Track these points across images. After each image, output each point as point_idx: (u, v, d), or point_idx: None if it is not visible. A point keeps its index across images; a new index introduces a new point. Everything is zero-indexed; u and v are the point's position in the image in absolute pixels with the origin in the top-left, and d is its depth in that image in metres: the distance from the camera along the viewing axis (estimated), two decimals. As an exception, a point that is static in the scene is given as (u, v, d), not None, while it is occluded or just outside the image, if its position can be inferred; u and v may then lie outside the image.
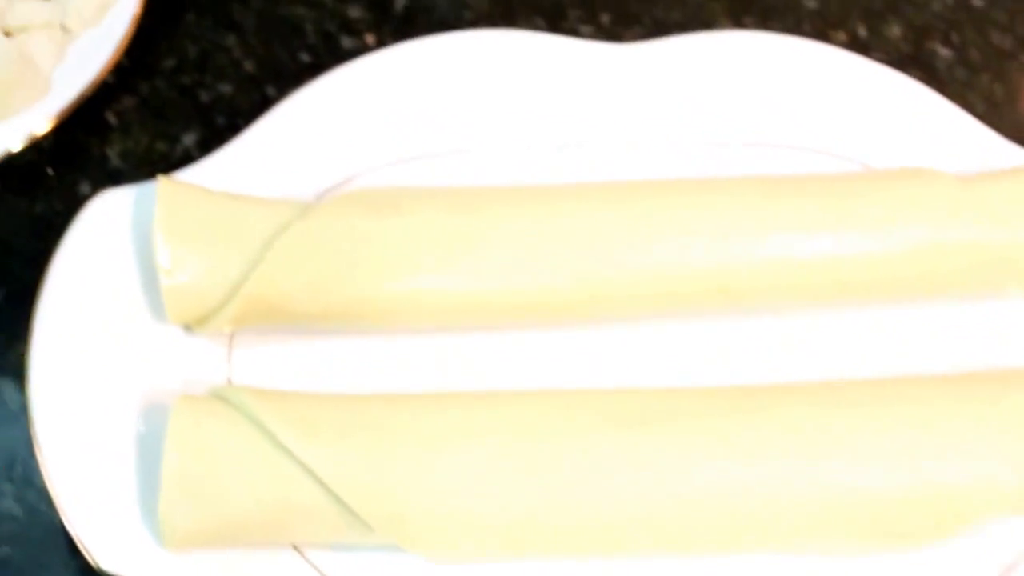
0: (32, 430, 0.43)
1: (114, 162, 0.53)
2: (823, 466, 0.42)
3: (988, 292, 0.49)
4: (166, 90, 0.55)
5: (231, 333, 0.47)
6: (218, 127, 0.54)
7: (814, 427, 0.43)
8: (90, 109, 0.53)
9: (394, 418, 0.43)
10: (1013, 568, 0.43)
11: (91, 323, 0.45)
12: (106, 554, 0.41)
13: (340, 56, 0.55)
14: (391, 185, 0.49)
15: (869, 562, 0.43)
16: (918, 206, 0.48)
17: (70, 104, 0.51)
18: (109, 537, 0.42)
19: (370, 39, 0.57)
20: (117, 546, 0.42)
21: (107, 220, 0.47)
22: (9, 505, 0.46)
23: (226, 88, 0.56)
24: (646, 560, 0.43)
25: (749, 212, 0.47)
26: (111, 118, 0.54)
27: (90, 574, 0.42)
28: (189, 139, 0.54)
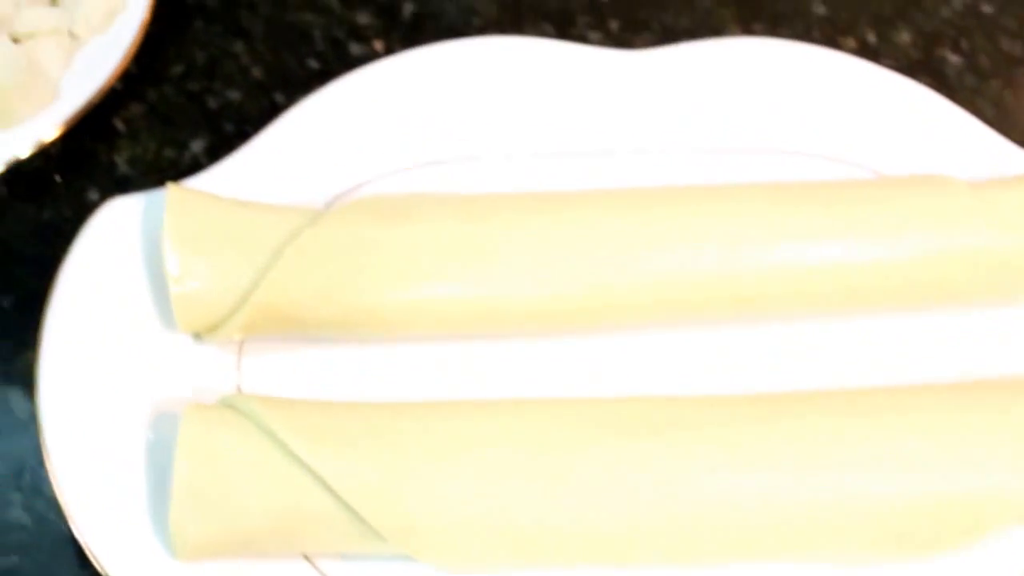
0: (41, 439, 0.43)
1: (122, 169, 0.53)
2: (834, 475, 0.42)
3: (999, 299, 0.49)
4: (174, 97, 0.55)
5: (240, 341, 0.46)
6: (226, 134, 0.54)
7: (825, 436, 0.43)
8: (98, 116, 0.53)
9: (405, 426, 0.42)
10: (1024, 578, 0.43)
11: (100, 331, 0.45)
12: (116, 564, 0.41)
13: (348, 63, 0.55)
14: (400, 192, 0.49)
15: (879, 572, 0.43)
16: (929, 213, 0.48)
17: (78, 111, 0.51)
18: (119, 546, 0.41)
19: (378, 45, 0.57)
20: (127, 556, 0.41)
21: (116, 227, 0.47)
22: (18, 514, 0.45)
23: (234, 95, 0.55)
24: (656, 569, 0.43)
25: (759, 219, 0.47)
26: (119, 125, 0.54)
27: (100, 583, 0.42)
28: (197, 146, 0.54)
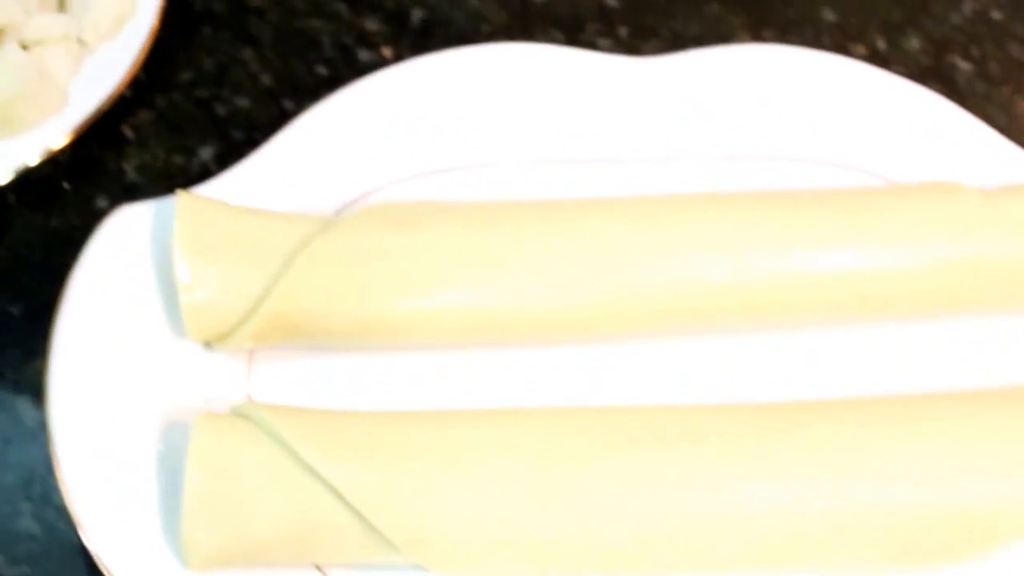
0: (51, 448, 0.43)
1: (131, 176, 0.53)
2: (846, 485, 0.42)
3: (1011, 306, 0.48)
4: (183, 104, 0.55)
5: (251, 349, 0.46)
6: (235, 141, 0.54)
7: (838, 446, 0.42)
8: (107, 123, 0.53)
9: (417, 436, 0.42)
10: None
11: (110, 339, 0.45)
12: (127, 574, 0.41)
13: (357, 69, 0.55)
14: (411, 200, 0.49)
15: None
16: (940, 220, 0.48)
17: (87, 118, 0.51)
18: (130, 556, 0.41)
19: (387, 52, 0.57)
20: (138, 566, 0.41)
21: (125, 235, 0.47)
22: (27, 524, 0.45)
23: (243, 101, 0.55)
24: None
25: (769, 227, 0.47)
26: (128, 132, 0.54)
27: (110, 594, 0.41)
28: (206, 153, 0.54)
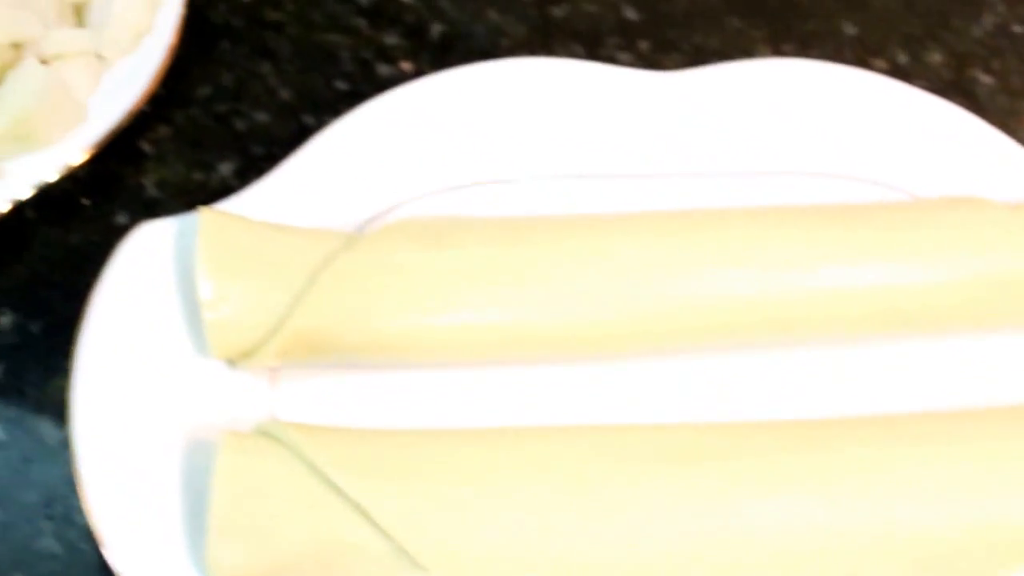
0: (74, 466, 0.42)
1: (150, 192, 0.53)
2: (879, 503, 0.41)
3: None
4: (202, 119, 0.55)
5: (273, 367, 0.46)
6: (254, 156, 0.54)
7: (870, 463, 0.42)
8: (125, 138, 0.52)
9: (444, 455, 0.42)
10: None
11: (133, 358, 0.44)
12: (151, 594, 0.41)
13: (377, 84, 0.54)
14: (434, 216, 0.48)
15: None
16: (966, 235, 0.47)
17: (106, 133, 0.51)
18: (154, 575, 0.41)
19: (406, 66, 0.57)
20: (163, 585, 0.41)
21: (147, 252, 0.46)
22: (49, 543, 0.45)
23: (262, 116, 0.55)
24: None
25: (795, 242, 0.47)
26: (147, 147, 0.54)
27: (134, 614, 0.41)
28: (225, 168, 0.53)
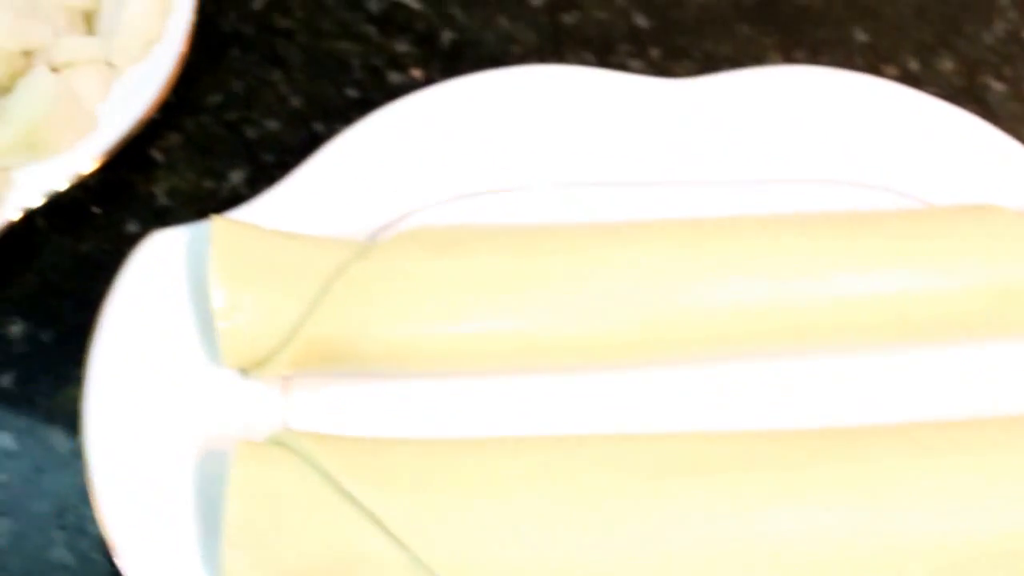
0: (87, 475, 0.42)
1: (161, 200, 0.52)
2: (894, 513, 0.41)
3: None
4: (212, 127, 0.55)
5: (286, 376, 0.46)
6: (265, 164, 0.53)
7: (885, 473, 0.42)
8: (136, 146, 0.52)
9: (459, 464, 0.42)
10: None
11: (145, 367, 0.44)
12: (166, 605, 0.40)
13: (387, 91, 0.54)
14: (446, 224, 0.48)
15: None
16: (980, 242, 0.47)
17: (116, 141, 0.50)
18: (167, 586, 0.41)
19: (417, 74, 0.56)
20: (176, 596, 0.41)
21: (159, 261, 0.46)
22: (61, 554, 0.44)
23: (273, 124, 0.55)
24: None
25: (808, 250, 0.47)
26: (157, 155, 0.54)
27: (148, 625, 0.41)
28: (236, 176, 0.53)
